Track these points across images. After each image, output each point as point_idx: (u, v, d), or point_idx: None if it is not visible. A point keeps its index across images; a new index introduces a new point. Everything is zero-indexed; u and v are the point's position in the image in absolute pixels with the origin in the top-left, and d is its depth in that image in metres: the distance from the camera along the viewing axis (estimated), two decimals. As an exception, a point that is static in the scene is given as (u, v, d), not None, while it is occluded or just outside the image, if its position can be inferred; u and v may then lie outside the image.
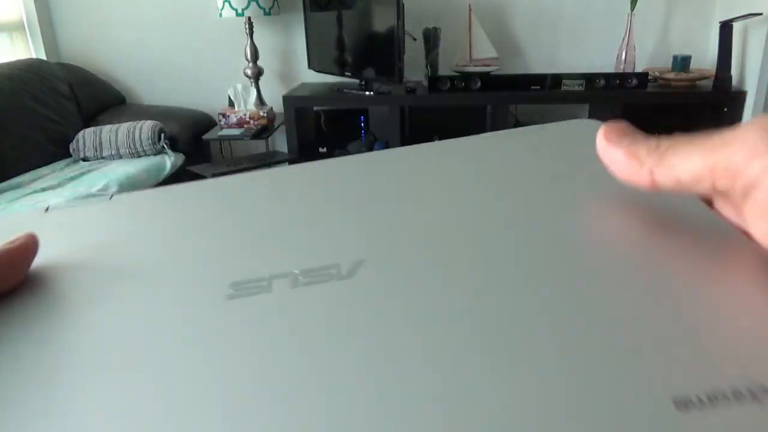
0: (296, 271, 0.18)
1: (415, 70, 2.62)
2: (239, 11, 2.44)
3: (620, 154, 0.19)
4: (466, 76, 2.38)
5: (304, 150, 2.53)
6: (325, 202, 0.22)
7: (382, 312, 0.16)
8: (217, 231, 0.21)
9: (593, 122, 0.25)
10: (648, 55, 2.62)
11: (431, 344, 0.14)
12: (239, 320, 0.16)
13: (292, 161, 2.47)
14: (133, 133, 2.42)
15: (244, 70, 2.65)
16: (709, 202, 0.19)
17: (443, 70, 2.58)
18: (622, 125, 0.20)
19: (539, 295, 0.16)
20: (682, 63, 2.39)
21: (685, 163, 0.17)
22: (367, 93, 2.42)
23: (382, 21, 2.33)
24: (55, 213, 0.25)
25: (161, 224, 0.22)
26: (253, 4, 2.44)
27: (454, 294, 0.16)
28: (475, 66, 2.50)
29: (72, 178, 2.22)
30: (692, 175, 0.17)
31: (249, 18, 2.54)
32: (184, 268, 0.19)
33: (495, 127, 2.43)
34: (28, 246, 0.19)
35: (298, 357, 0.14)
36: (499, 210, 0.20)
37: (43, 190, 2.10)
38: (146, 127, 2.42)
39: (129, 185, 2.18)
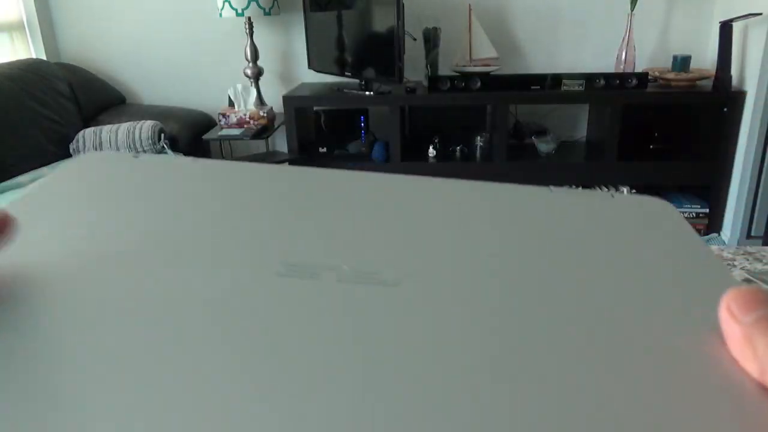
0: (345, 267, 0.18)
1: (415, 70, 2.62)
2: (239, 11, 2.45)
3: (738, 333, 0.16)
4: (466, 76, 2.38)
5: (304, 150, 2.53)
6: (374, 214, 0.22)
7: (414, 322, 0.16)
8: (271, 213, 0.22)
9: (669, 207, 0.24)
10: (648, 55, 2.62)
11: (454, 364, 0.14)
12: (285, 299, 0.17)
13: (292, 161, 2.47)
14: (133, 133, 2.42)
15: (244, 70, 2.65)
16: None
17: (443, 70, 2.58)
18: (754, 293, 0.16)
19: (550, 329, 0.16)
20: (682, 63, 2.39)
21: None
22: (367, 93, 2.42)
23: (382, 21, 2.33)
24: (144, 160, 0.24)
25: (217, 195, 0.22)
26: (253, 4, 2.44)
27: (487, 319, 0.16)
28: (475, 66, 2.50)
29: (72, 178, 2.22)
30: None
31: (249, 18, 2.55)
32: (237, 241, 0.20)
33: (495, 127, 2.43)
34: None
35: (323, 348, 0.15)
36: (540, 266, 0.19)
37: (43, 190, 2.10)
38: (146, 127, 2.42)
39: (129, 185, 2.18)
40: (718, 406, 0.14)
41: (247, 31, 2.58)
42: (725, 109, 2.30)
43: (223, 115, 2.49)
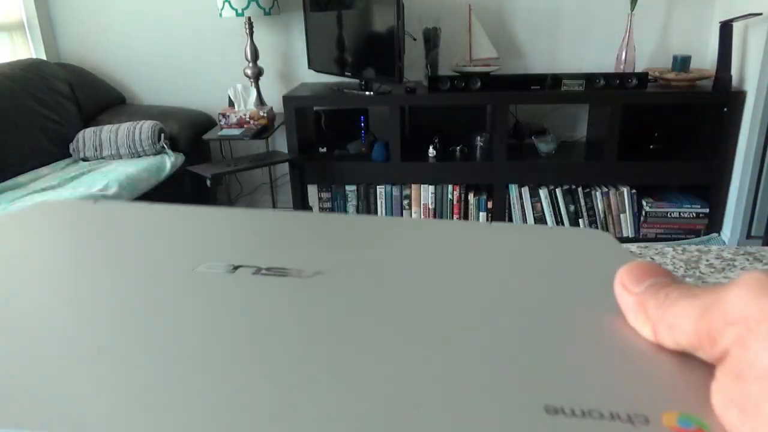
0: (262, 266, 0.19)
1: (415, 70, 2.62)
2: (239, 11, 2.44)
3: (631, 303, 0.17)
4: (466, 76, 2.38)
5: (304, 150, 2.53)
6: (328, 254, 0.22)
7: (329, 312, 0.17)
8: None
9: (607, 236, 0.24)
10: (648, 55, 2.62)
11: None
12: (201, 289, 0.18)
13: (292, 161, 2.47)
14: (133, 133, 2.42)
15: (244, 70, 2.65)
16: None
17: (443, 70, 2.58)
18: (642, 267, 0.18)
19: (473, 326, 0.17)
20: (682, 63, 2.39)
21: (682, 325, 0.16)
22: (367, 93, 2.42)
23: (382, 21, 2.33)
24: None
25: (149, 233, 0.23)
26: (253, 4, 2.44)
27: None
28: (475, 66, 2.50)
29: (72, 178, 2.22)
30: (687, 341, 0.16)
31: (249, 18, 2.55)
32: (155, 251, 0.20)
33: (495, 127, 2.43)
34: None
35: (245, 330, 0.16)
36: (486, 293, 0.20)
37: (43, 190, 2.10)
38: (146, 127, 2.42)
39: (129, 185, 2.18)
40: (622, 365, 0.16)
41: (247, 31, 2.58)
42: (725, 109, 2.30)
43: (223, 115, 2.49)
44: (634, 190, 2.44)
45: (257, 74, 2.65)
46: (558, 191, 2.47)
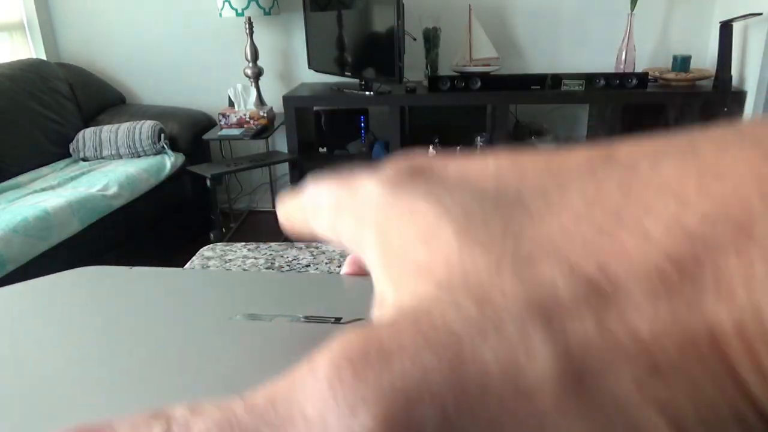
0: None
1: (415, 70, 2.62)
2: (239, 11, 2.45)
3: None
4: (466, 76, 2.38)
5: (304, 150, 2.53)
6: None
7: None
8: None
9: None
10: (648, 55, 2.62)
11: None
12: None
13: (292, 161, 2.47)
14: (133, 133, 2.42)
15: (244, 70, 2.65)
16: None
17: (443, 70, 2.58)
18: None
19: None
20: (682, 63, 2.39)
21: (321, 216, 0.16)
22: (367, 93, 2.42)
23: (382, 21, 2.33)
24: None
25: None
26: (253, 4, 2.44)
27: None
28: (475, 66, 2.50)
29: (72, 178, 2.22)
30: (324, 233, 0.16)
31: (249, 18, 2.55)
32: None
33: (495, 127, 2.43)
34: None
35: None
36: None
37: (43, 190, 2.10)
38: (146, 127, 2.42)
39: (129, 185, 2.18)
40: None
41: (247, 31, 2.58)
42: (725, 109, 2.30)
43: (223, 115, 2.49)
44: (634, 190, 2.44)
45: (257, 74, 2.65)
46: (558, 191, 2.47)
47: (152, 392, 0.16)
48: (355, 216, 0.14)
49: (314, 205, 0.16)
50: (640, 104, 2.39)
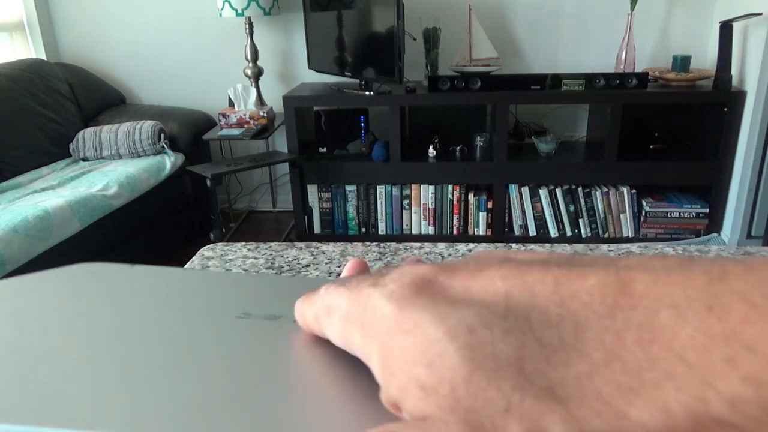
0: None
1: (415, 70, 2.62)
2: (239, 11, 2.44)
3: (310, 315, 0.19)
4: (466, 76, 2.38)
5: (304, 150, 2.53)
6: None
7: None
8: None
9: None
10: (648, 55, 2.62)
11: None
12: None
13: (292, 161, 2.47)
14: (133, 133, 2.42)
15: (244, 70, 2.65)
16: None
17: (443, 70, 2.58)
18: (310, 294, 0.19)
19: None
20: (682, 63, 2.39)
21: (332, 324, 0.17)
22: (367, 93, 2.42)
23: (381, 21, 2.33)
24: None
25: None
26: (253, 4, 2.44)
27: None
28: (475, 66, 2.50)
29: (72, 178, 2.22)
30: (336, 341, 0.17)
31: (249, 18, 2.55)
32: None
33: (495, 127, 2.43)
34: None
35: None
36: None
37: (43, 190, 2.10)
38: (146, 127, 2.42)
39: (129, 185, 2.18)
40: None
41: (247, 31, 2.58)
42: (725, 109, 2.30)
43: (223, 115, 2.49)
44: (634, 190, 2.44)
45: (257, 74, 2.65)
46: (558, 191, 2.47)
47: (148, 388, 0.16)
48: (362, 328, 0.15)
49: (326, 311, 0.17)
50: (640, 104, 2.39)
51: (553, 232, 2.52)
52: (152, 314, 0.21)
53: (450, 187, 2.50)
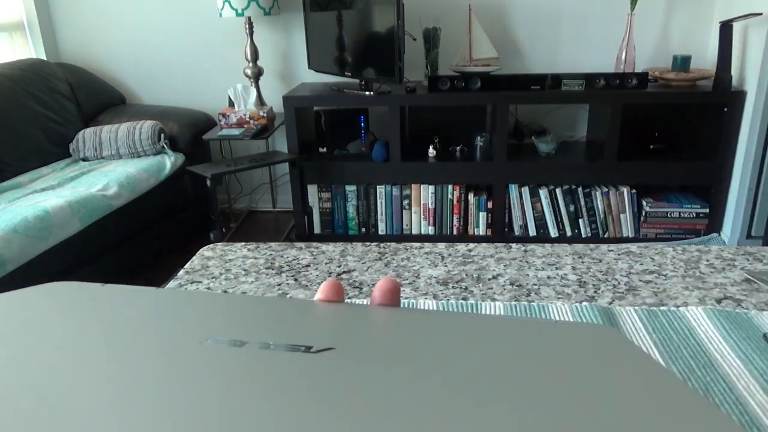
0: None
1: (415, 70, 2.62)
2: (239, 11, 2.45)
3: None
4: (466, 76, 2.38)
5: (304, 150, 2.53)
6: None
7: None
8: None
9: (617, 335, 0.23)
10: (648, 55, 2.62)
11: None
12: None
13: (292, 161, 2.47)
14: (133, 133, 2.42)
15: (244, 70, 2.65)
16: None
17: (443, 70, 2.59)
18: None
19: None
20: (682, 63, 2.39)
21: None
22: (367, 93, 2.42)
23: (381, 21, 2.33)
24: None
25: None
26: (253, 4, 2.44)
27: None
28: (475, 66, 2.50)
29: (72, 178, 2.22)
30: None
31: (249, 18, 2.55)
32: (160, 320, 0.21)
33: (495, 127, 2.43)
34: None
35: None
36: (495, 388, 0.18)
37: (43, 190, 2.10)
38: (146, 127, 2.42)
39: (129, 185, 2.18)
40: None
41: (247, 31, 2.58)
42: (725, 109, 2.30)
43: (223, 115, 2.49)
44: (634, 190, 2.44)
45: (257, 74, 2.65)
46: (558, 191, 2.47)
47: (116, 413, 0.15)
48: None
49: None
50: (640, 104, 2.39)
51: (553, 232, 2.52)
52: (121, 336, 0.20)
53: (450, 187, 2.50)
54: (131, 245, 2.23)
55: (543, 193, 2.48)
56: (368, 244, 0.78)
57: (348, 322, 0.23)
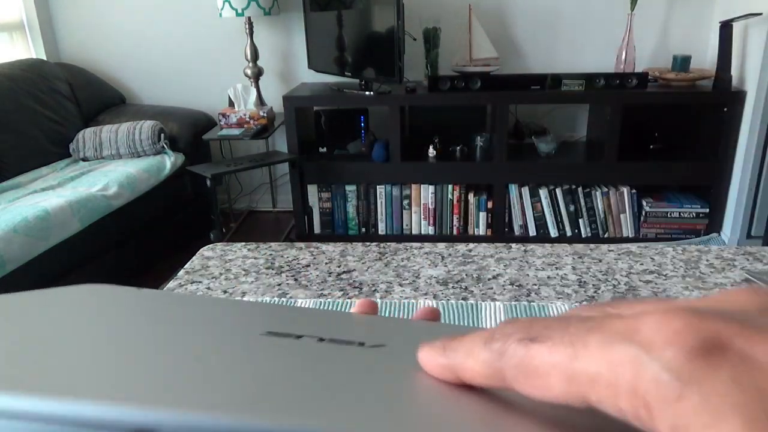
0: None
1: (415, 70, 2.62)
2: (239, 11, 2.45)
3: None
4: (466, 76, 2.38)
5: (304, 150, 2.53)
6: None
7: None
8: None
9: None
10: (648, 55, 2.62)
11: None
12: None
13: (292, 161, 2.47)
14: (133, 133, 2.42)
15: (244, 70, 2.65)
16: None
17: (443, 70, 2.58)
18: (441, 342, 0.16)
19: None
20: (682, 63, 2.39)
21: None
22: (367, 93, 2.42)
23: (382, 21, 2.33)
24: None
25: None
26: (253, 4, 2.44)
27: None
28: (475, 66, 2.50)
29: (72, 178, 2.22)
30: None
31: (249, 18, 2.55)
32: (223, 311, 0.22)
33: (495, 127, 2.43)
34: None
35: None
36: None
37: (43, 190, 2.10)
38: (146, 127, 2.42)
39: (129, 185, 2.18)
40: None
41: (247, 31, 2.58)
42: (725, 109, 2.30)
43: (223, 115, 2.49)
44: (634, 190, 2.44)
45: (257, 74, 2.65)
46: (558, 191, 2.47)
47: (195, 392, 0.16)
48: (626, 397, 0.11)
49: (524, 368, 0.13)
50: (640, 104, 2.39)
51: (553, 232, 2.52)
52: (180, 333, 0.20)
53: (450, 187, 2.50)
54: (131, 245, 2.23)
55: (543, 193, 2.48)
56: (368, 244, 0.78)
57: (394, 327, 0.23)
